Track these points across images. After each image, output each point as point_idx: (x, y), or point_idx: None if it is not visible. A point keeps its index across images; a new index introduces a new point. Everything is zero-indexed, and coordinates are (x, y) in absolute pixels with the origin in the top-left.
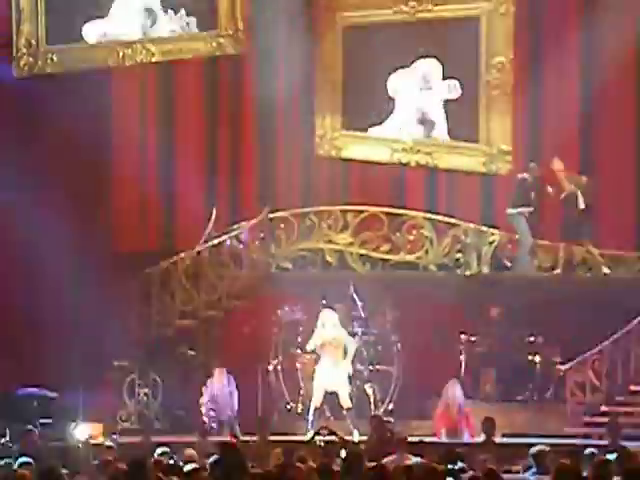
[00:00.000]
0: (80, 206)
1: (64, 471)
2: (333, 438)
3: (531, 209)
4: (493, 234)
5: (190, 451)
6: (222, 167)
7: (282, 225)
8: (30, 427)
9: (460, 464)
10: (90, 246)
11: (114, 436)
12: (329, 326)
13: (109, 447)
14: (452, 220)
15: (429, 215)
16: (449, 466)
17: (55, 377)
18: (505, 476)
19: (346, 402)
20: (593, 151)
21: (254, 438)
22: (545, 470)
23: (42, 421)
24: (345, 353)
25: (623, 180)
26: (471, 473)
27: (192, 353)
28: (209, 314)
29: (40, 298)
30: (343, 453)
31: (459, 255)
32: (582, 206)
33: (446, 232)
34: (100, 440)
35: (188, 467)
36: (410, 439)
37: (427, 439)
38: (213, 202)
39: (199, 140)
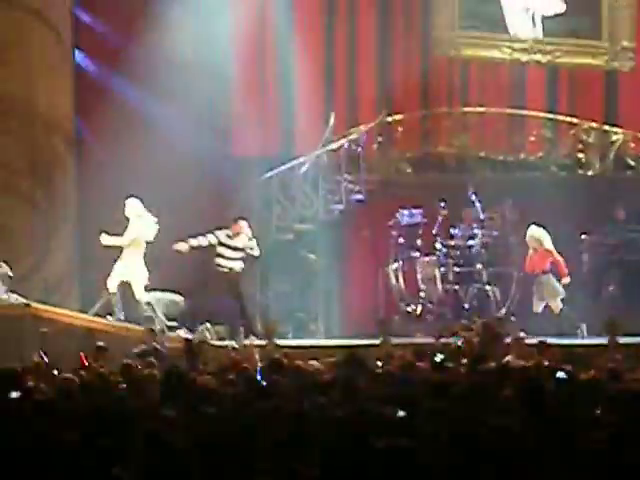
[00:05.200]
0: (200, 112)
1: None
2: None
3: None
4: (616, 133)
5: None
6: (339, 71)
7: (400, 128)
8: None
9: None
10: (210, 151)
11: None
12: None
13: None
14: (574, 120)
15: (550, 115)
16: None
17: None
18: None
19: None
20: None
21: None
22: None
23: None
24: None
25: None
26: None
27: (313, 257)
28: (328, 218)
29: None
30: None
31: (581, 155)
32: None
33: (567, 132)
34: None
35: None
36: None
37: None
38: (331, 106)
39: (317, 44)
